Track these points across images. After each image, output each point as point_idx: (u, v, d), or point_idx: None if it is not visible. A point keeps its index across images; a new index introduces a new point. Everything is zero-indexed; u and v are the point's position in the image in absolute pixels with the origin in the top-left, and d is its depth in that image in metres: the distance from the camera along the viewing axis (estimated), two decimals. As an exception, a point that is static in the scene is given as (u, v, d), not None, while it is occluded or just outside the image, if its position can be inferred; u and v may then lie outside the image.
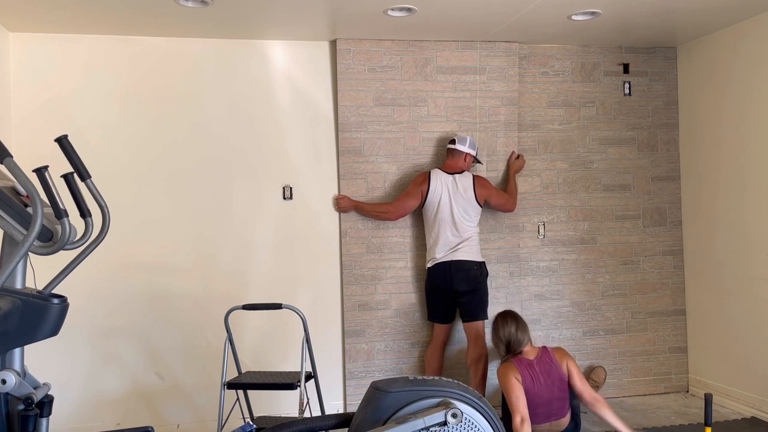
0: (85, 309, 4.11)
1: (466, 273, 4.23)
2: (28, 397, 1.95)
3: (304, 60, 4.54)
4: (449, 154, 4.40)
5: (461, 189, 4.30)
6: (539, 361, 3.65)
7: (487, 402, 2.12)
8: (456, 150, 4.35)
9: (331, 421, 2.22)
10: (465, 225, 4.29)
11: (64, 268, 2.15)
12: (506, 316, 3.83)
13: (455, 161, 4.36)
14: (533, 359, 3.66)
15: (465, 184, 4.31)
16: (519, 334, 3.73)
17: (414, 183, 4.39)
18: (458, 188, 4.29)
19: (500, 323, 3.80)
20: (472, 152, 4.37)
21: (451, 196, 4.28)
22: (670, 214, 5.03)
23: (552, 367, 3.64)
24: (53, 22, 4.00)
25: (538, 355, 3.68)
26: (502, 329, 3.76)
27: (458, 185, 4.30)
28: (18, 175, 1.80)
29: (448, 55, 4.65)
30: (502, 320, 3.80)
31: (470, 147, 4.36)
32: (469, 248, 4.27)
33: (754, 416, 4.32)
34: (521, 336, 3.73)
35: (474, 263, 4.27)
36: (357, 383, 4.50)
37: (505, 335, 3.74)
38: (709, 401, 2.91)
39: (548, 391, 3.58)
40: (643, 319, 4.97)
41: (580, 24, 4.32)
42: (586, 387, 3.63)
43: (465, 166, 4.37)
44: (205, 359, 4.30)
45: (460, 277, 4.23)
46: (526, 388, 3.55)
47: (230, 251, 4.43)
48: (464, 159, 4.36)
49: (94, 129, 4.25)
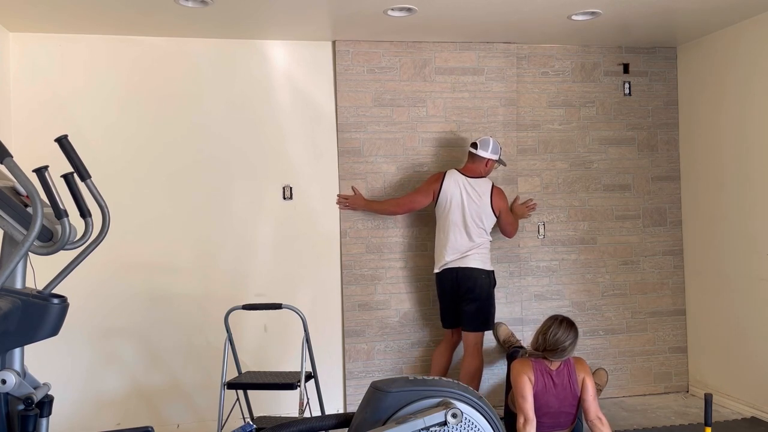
0: (85, 309, 4.11)
1: (474, 282, 4.11)
2: (28, 397, 1.95)
3: (304, 60, 4.54)
4: (470, 157, 4.27)
5: (478, 194, 4.17)
6: (558, 372, 3.46)
7: (487, 402, 2.12)
8: (477, 155, 4.21)
9: (331, 421, 2.22)
10: (477, 231, 4.15)
11: (64, 268, 2.16)
12: (571, 326, 3.46)
13: (476, 166, 4.22)
14: (553, 369, 3.46)
15: (482, 190, 4.18)
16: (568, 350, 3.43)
17: (427, 181, 4.31)
18: (475, 192, 4.17)
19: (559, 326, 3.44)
20: (494, 157, 4.22)
21: (465, 200, 4.15)
22: (670, 214, 5.03)
23: (569, 381, 3.46)
24: (53, 22, 4.01)
25: (560, 366, 3.48)
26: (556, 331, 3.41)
27: (475, 190, 4.17)
28: (18, 175, 1.80)
29: (447, 56, 4.65)
30: (567, 326, 3.45)
31: (493, 152, 4.20)
32: (479, 256, 4.14)
33: (754, 416, 4.32)
34: (565, 352, 3.42)
35: (483, 272, 4.14)
36: (357, 383, 4.50)
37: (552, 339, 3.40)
38: (709, 401, 2.91)
39: (558, 403, 3.44)
40: (643, 319, 4.96)
41: (580, 24, 4.32)
42: (594, 406, 3.43)
43: (485, 172, 4.24)
44: (205, 359, 4.30)
45: (468, 285, 4.11)
46: (535, 393, 3.39)
47: (230, 251, 4.43)
48: (486, 164, 4.22)
49: (94, 129, 4.25)
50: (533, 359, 3.49)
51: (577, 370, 3.49)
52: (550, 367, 3.45)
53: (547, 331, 3.44)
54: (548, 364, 3.46)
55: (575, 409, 3.50)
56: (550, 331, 3.42)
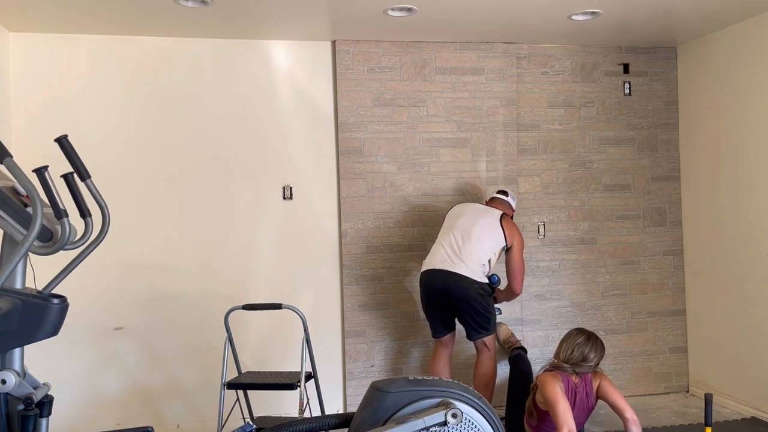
0: (85, 309, 4.10)
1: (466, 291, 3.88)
2: (28, 397, 1.95)
3: (304, 60, 4.54)
4: (494, 200, 4.22)
5: (489, 218, 4.01)
6: (579, 385, 3.47)
7: (487, 402, 2.12)
8: (505, 201, 4.18)
9: (331, 421, 2.22)
10: (479, 245, 3.91)
11: (64, 268, 2.16)
12: (601, 343, 3.52)
13: (495, 204, 4.17)
14: (577, 382, 3.47)
15: (494, 219, 4.01)
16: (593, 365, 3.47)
17: None
18: (486, 215, 4.03)
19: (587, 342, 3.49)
20: (512, 210, 4.23)
21: (476, 216, 4.02)
22: (670, 214, 5.03)
23: (588, 395, 3.48)
24: (53, 22, 4.00)
25: (579, 380, 3.49)
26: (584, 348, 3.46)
27: (488, 213, 4.05)
28: (18, 175, 1.80)
29: (447, 55, 4.65)
30: (594, 342, 3.50)
31: (514, 204, 4.26)
32: (470, 268, 3.89)
33: (754, 416, 4.32)
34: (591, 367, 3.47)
35: (473, 281, 3.89)
36: (357, 383, 4.50)
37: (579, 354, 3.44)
38: (709, 401, 2.91)
39: (577, 417, 3.43)
40: (643, 319, 4.96)
41: (580, 24, 4.32)
42: (628, 405, 3.43)
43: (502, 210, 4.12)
44: (205, 359, 4.30)
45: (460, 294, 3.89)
46: None
47: (230, 251, 4.43)
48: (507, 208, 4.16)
49: (94, 129, 4.25)
50: (560, 371, 3.47)
51: (593, 378, 3.53)
52: (574, 380, 3.47)
53: (575, 347, 3.47)
54: (572, 377, 3.47)
55: (585, 420, 3.57)
56: (578, 346, 3.47)
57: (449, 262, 3.92)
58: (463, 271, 3.88)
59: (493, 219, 4.00)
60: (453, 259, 3.92)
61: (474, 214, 4.06)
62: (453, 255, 3.93)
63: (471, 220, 4.01)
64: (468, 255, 3.90)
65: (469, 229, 3.96)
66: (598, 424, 4.10)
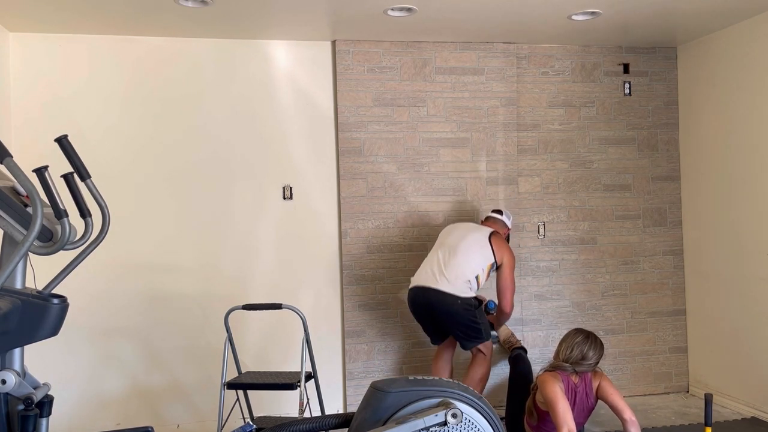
0: (85, 309, 4.10)
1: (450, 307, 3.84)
2: (28, 397, 1.95)
3: (304, 60, 4.54)
4: (488, 219, 4.23)
5: (478, 234, 3.99)
6: (578, 385, 3.48)
7: (487, 402, 2.12)
8: (500, 220, 4.18)
9: (331, 421, 2.22)
10: (464, 260, 3.87)
11: (64, 268, 2.16)
12: (600, 343, 3.54)
13: (488, 223, 4.18)
14: (576, 382, 3.48)
15: (482, 235, 3.98)
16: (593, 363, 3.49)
17: None
18: (476, 232, 4.02)
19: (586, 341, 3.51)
20: (507, 229, 4.23)
21: (466, 233, 4.00)
22: (670, 214, 5.03)
23: (588, 395, 3.49)
24: (53, 22, 4.01)
25: (579, 380, 3.50)
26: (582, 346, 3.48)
27: (478, 230, 4.05)
28: (18, 175, 1.80)
29: (447, 55, 4.65)
30: (593, 341, 3.52)
31: (509, 222, 4.27)
32: (453, 285, 3.84)
33: (754, 416, 4.32)
34: (591, 366, 3.49)
35: (457, 297, 3.83)
36: (357, 383, 4.50)
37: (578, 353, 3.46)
38: (709, 401, 2.91)
39: (577, 417, 3.43)
40: (643, 319, 4.96)
41: (580, 24, 4.32)
42: (627, 405, 3.43)
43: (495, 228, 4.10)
44: (205, 359, 4.30)
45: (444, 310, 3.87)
46: None
47: (230, 251, 4.43)
48: (502, 227, 4.16)
49: (94, 129, 4.25)
50: (560, 371, 3.48)
51: (593, 378, 3.53)
52: (573, 380, 3.48)
53: (574, 345, 3.49)
54: (572, 377, 3.48)
55: (585, 420, 3.57)
56: (577, 345, 3.49)
57: (433, 279, 3.90)
58: (445, 287, 3.84)
59: (482, 236, 3.99)
60: (437, 276, 3.89)
61: (464, 231, 4.06)
62: (437, 272, 3.90)
63: (460, 236, 4.01)
64: (451, 271, 3.86)
65: (455, 245, 3.94)
66: (598, 424, 4.10)
